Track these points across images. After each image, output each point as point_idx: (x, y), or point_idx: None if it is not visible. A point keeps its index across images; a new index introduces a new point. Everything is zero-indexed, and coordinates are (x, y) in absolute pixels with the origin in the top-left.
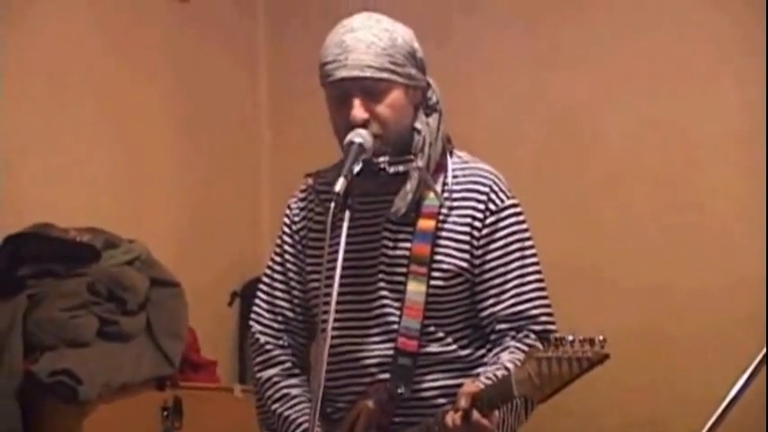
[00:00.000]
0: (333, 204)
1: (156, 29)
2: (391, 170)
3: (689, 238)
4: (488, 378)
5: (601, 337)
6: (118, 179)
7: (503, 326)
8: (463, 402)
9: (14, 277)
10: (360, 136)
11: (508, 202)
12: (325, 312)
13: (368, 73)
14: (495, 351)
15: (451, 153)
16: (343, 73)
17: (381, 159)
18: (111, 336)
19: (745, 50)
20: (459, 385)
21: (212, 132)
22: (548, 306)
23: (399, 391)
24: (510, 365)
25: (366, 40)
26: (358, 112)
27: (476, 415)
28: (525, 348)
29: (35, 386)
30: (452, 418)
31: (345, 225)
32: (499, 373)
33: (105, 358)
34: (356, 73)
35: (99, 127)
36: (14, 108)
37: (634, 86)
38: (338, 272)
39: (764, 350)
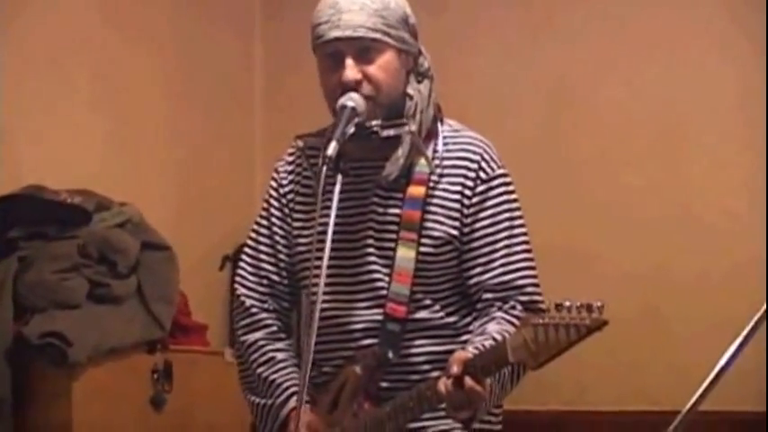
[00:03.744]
0: (324, 168)
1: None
2: (383, 134)
3: (684, 214)
4: (476, 348)
5: (599, 303)
6: (111, 142)
7: (489, 295)
8: (455, 369)
9: (5, 239)
10: (352, 100)
11: (498, 172)
12: (315, 276)
13: (360, 33)
14: (481, 321)
15: (442, 121)
16: (335, 33)
17: (374, 123)
18: (101, 298)
19: (739, 23)
20: (446, 352)
21: (207, 98)
22: (534, 277)
23: (389, 356)
24: (498, 336)
25: (359, 1)
26: (350, 72)
27: (469, 381)
28: (513, 320)
29: (25, 348)
30: (445, 384)
31: (337, 189)
32: (487, 344)
33: (96, 321)
34: (349, 33)
35: (94, 90)
36: (9, 71)
37: (629, 58)
38: (329, 236)
39: (753, 320)
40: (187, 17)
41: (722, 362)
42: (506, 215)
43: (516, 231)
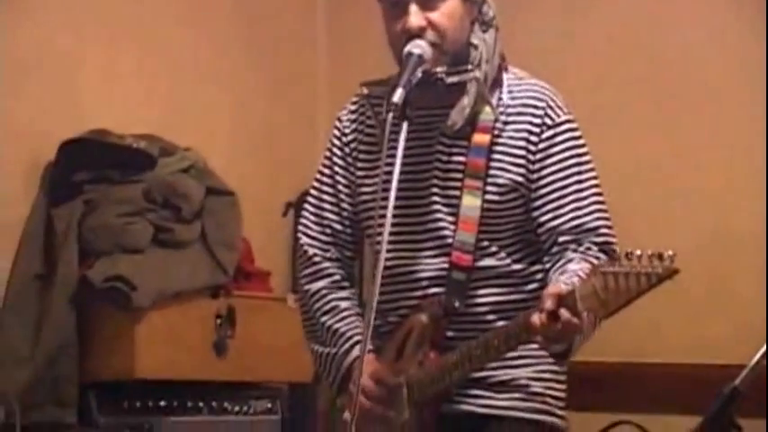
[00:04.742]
0: (390, 115)
1: None
2: (449, 80)
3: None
4: (566, 284)
5: (670, 252)
6: (175, 88)
7: (564, 238)
8: (549, 304)
9: (71, 182)
10: (418, 47)
11: (565, 118)
12: (380, 225)
13: None
14: (559, 264)
15: (506, 69)
16: None
17: (439, 70)
18: (165, 243)
19: None
20: (513, 301)
21: (270, 44)
22: (607, 219)
23: (455, 305)
24: (581, 274)
25: None
26: (415, 18)
27: (565, 314)
28: (591, 260)
29: (89, 291)
30: (540, 317)
31: (402, 137)
32: (570, 281)
33: (159, 265)
34: None
35: (159, 35)
36: (71, 13)
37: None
38: (394, 184)
39: None
40: None
41: None
42: (574, 160)
43: (585, 176)
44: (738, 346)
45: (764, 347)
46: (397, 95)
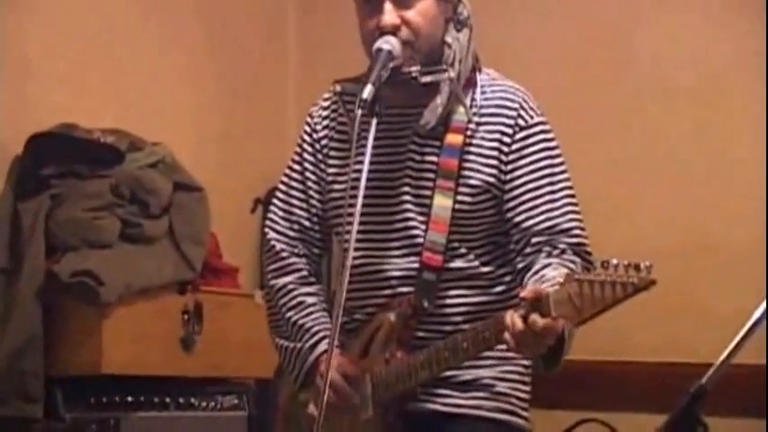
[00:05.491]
0: (359, 111)
1: None
2: (422, 80)
3: (718, 161)
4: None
5: (647, 263)
6: (144, 82)
7: (537, 239)
8: (527, 301)
9: (38, 177)
10: (388, 43)
11: (537, 119)
12: (349, 223)
13: None
14: (534, 268)
15: (480, 70)
16: None
17: (413, 69)
18: (133, 238)
19: None
20: (481, 302)
21: (240, 39)
22: (580, 220)
23: (424, 305)
24: (561, 281)
25: None
26: (389, 16)
27: (537, 318)
28: (569, 265)
29: (56, 286)
30: (512, 318)
31: (372, 133)
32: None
33: (127, 260)
34: None
35: (127, 28)
36: (40, 7)
37: (665, 5)
38: (363, 181)
39: None
40: None
41: (756, 315)
42: (547, 161)
43: (558, 177)
44: (705, 344)
45: (731, 345)
46: (366, 91)
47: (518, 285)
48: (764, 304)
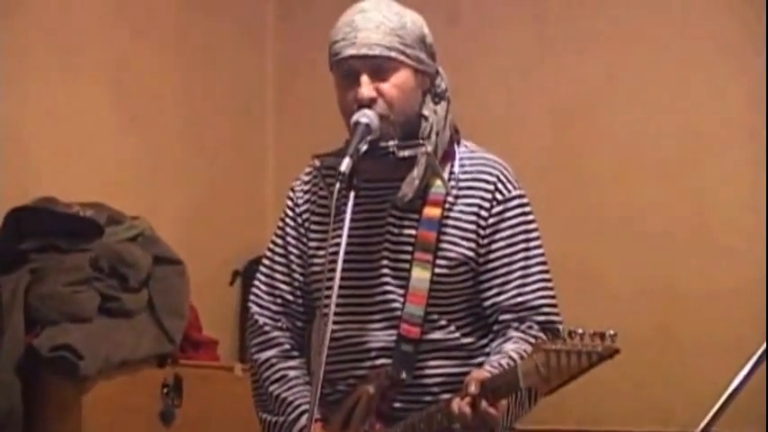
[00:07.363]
0: (338, 184)
1: (169, 4)
2: (400, 154)
3: (693, 233)
4: (494, 367)
5: (611, 332)
6: (123, 155)
7: (506, 316)
8: (473, 388)
9: (17, 251)
10: (366, 116)
11: (515, 193)
12: (328, 297)
13: (376, 51)
14: (498, 341)
15: (459, 142)
16: (351, 51)
17: (390, 143)
18: (112, 312)
19: (747, 41)
20: (461, 373)
21: (219, 113)
22: (552, 297)
23: (402, 376)
24: (515, 355)
25: (376, 20)
26: (366, 89)
27: (483, 404)
28: (530, 339)
29: (36, 360)
30: (459, 404)
31: (350, 205)
32: (504, 362)
33: (106, 334)
34: (364, 51)
35: (107, 103)
36: (21, 81)
37: (638, 75)
38: (341, 254)
39: (765, 345)
40: (201, 28)
41: (733, 385)
42: (523, 236)
43: (532, 253)
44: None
45: (710, 414)
46: (344, 165)
47: None
48: (742, 375)
